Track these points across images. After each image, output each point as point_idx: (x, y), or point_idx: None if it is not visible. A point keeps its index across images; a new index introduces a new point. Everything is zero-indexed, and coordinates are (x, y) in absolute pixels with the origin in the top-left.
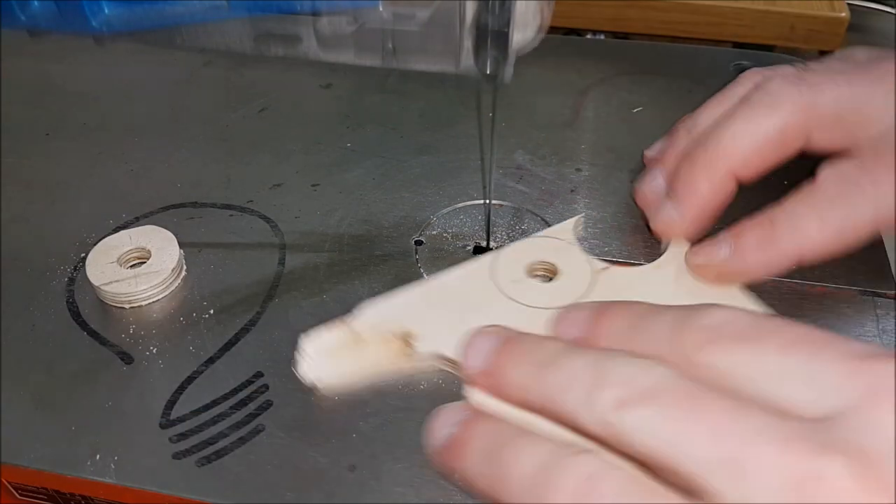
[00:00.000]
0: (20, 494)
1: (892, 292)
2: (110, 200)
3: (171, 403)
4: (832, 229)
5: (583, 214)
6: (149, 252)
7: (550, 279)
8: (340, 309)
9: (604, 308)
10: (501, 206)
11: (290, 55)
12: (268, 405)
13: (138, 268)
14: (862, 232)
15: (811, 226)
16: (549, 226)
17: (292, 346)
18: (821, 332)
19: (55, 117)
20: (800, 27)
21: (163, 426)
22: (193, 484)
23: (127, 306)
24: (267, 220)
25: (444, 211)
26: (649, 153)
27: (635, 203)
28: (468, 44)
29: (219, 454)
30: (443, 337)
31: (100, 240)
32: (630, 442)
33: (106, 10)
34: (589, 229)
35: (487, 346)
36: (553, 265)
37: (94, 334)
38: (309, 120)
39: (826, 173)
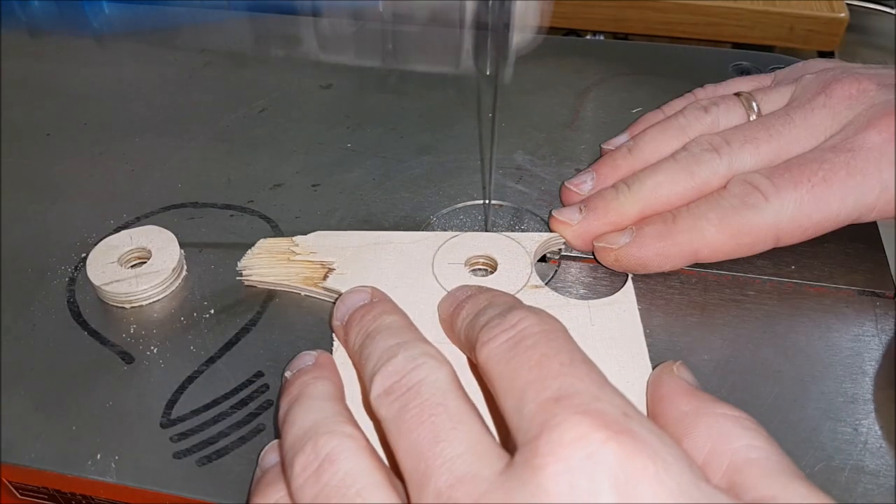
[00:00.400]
0: (20, 494)
1: (892, 292)
2: (111, 200)
3: (171, 403)
4: (729, 233)
5: (564, 242)
6: (149, 252)
7: (487, 274)
8: None
9: (474, 292)
10: (501, 206)
11: (291, 55)
12: (268, 405)
13: (139, 268)
14: (759, 240)
15: (709, 226)
16: (550, 226)
17: (293, 346)
18: (569, 361)
19: (55, 117)
20: (799, 28)
21: (163, 426)
22: (194, 483)
23: (127, 306)
24: (267, 220)
25: (444, 211)
26: (605, 146)
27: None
28: (468, 43)
29: (219, 454)
30: (354, 282)
31: (100, 240)
32: (383, 428)
33: (106, 10)
34: None
35: (352, 303)
36: (494, 262)
37: (94, 334)
38: (309, 120)
39: (735, 181)
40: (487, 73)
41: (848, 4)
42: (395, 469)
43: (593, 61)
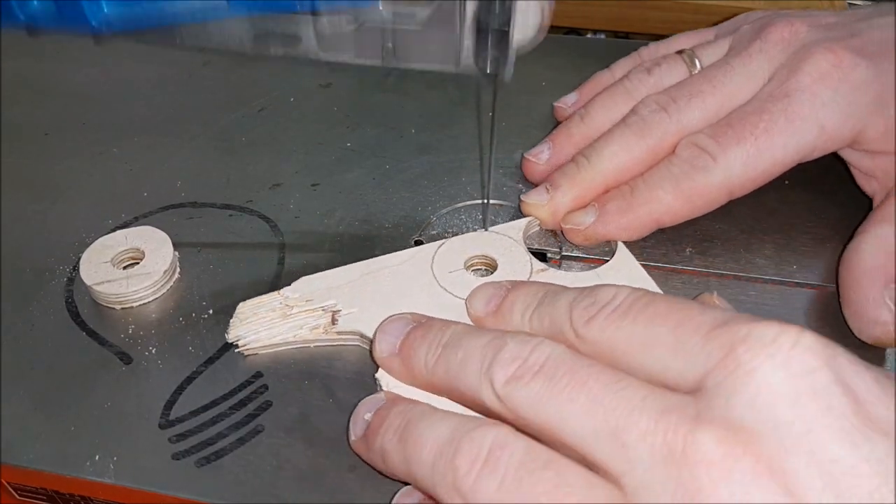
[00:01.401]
0: (19, 495)
1: None
2: (110, 200)
3: (170, 404)
4: (684, 197)
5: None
6: (142, 253)
7: (488, 273)
8: None
9: (513, 286)
10: (501, 206)
11: (290, 54)
12: (267, 405)
13: (131, 269)
14: (713, 199)
15: (665, 195)
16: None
17: (292, 346)
18: (691, 305)
19: (54, 117)
20: None
21: (162, 426)
22: (193, 484)
23: (118, 307)
24: (266, 219)
25: (444, 211)
26: (557, 104)
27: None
28: (468, 43)
29: (218, 454)
30: (367, 317)
31: (96, 239)
32: (521, 416)
33: (105, 10)
34: None
35: (397, 331)
36: (493, 260)
37: (93, 334)
38: (309, 120)
39: (682, 145)
40: (488, 72)
41: (850, 4)
42: None
43: (593, 60)
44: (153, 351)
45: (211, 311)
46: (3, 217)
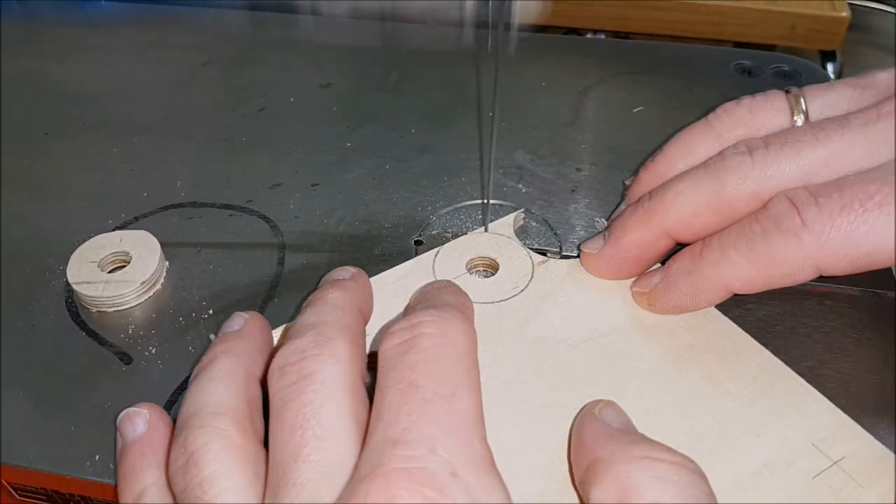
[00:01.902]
0: (19, 495)
1: (892, 292)
2: (109, 200)
3: (170, 404)
4: (760, 262)
5: (522, 210)
6: (130, 258)
7: (491, 274)
8: None
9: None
10: (501, 206)
11: (290, 54)
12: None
13: (115, 273)
14: (795, 271)
15: (738, 257)
16: (550, 225)
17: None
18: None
19: (55, 117)
20: (800, 27)
21: None
22: None
23: (94, 309)
24: (266, 219)
25: (444, 211)
26: (628, 182)
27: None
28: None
29: None
30: (372, 331)
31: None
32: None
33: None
34: (589, 230)
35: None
36: (493, 260)
37: (93, 334)
38: (309, 120)
39: (775, 197)
40: (489, 50)
41: (850, 3)
42: None
43: (593, 60)
44: (153, 351)
45: (211, 311)
46: (3, 217)
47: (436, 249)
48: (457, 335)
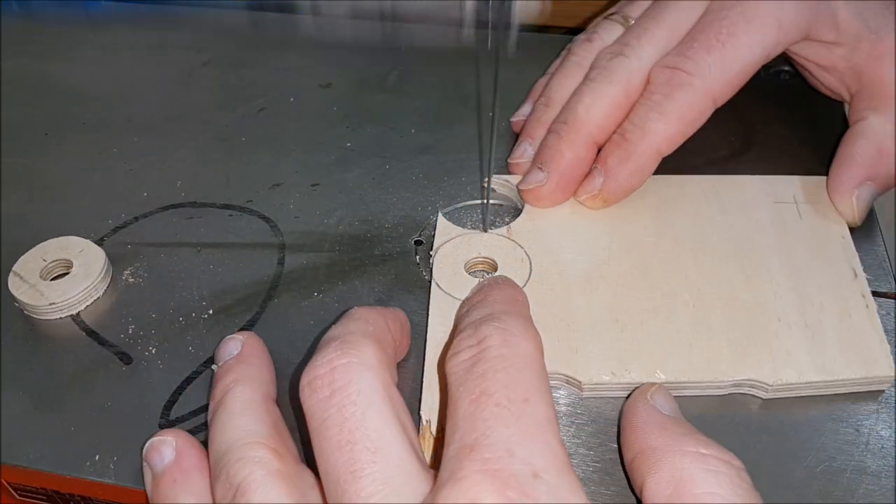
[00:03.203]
0: (19, 495)
1: (893, 292)
2: (109, 200)
3: (170, 404)
4: (674, 117)
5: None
6: (67, 271)
7: (489, 274)
8: (340, 309)
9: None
10: (501, 206)
11: (290, 54)
12: None
13: (50, 280)
14: (700, 111)
15: (655, 123)
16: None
17: (292, 346)
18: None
19: (54, 117)
20: None
21: (162, 426)
22: None
23: (25, 311)
24: (266, 219)
25: (445, 211)
26: (515, 119)
27: (509, 172)
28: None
29: None
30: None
31: (102, 238)
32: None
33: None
34: None
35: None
36: (493, 261)
37: (92, 334)
38: (309, 120)
39: (654, 72)
40: (489, 49)
41: None
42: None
43: None
44: (153, 351)
45: (211, 311)
46: (3, 217)
47: (435, 249)
48: (521, 342)
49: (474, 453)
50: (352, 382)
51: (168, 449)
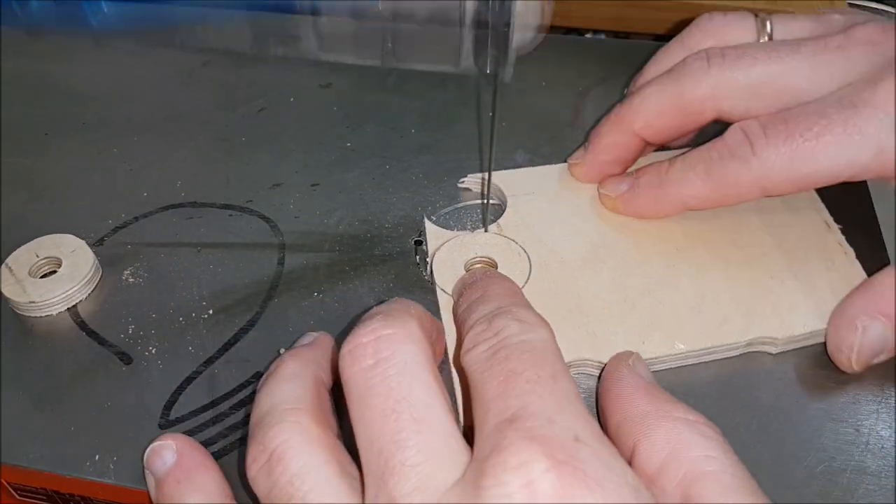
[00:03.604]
0: (19, 495)
1: None
2: (109, 200)
3: (170, 404)
4: (714, 183)
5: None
6: (56, 269)
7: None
8: (340, 309)
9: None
10: (501, 206)
11: (290, 55)
12: None
13: (37, 278)
14: (744, 191)
15: (696, 178)
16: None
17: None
18: (527, 369)
19: (54, 117)
20: None
21: (162, 426)
22: None
23: (10, 304)
24: (266, 219)
25: (445, 211)
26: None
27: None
28: (468, 43)
29: (218, 455)
30: None
31: (102, 238)
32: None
33: (105, 9)
34: None
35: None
36: (491, 260)
37: (92, 334)
38: (309, 120)
39: (731, 129)
40: (488, 71)
41: (849, 4)
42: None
43: (593, 60)
44: (153, 351)
45: (211, 311)
46: (3, 217)
47: (435, 248)
48: (538, 329)
49: (515, 424)
50: (397, 353)
51: (169, 452)
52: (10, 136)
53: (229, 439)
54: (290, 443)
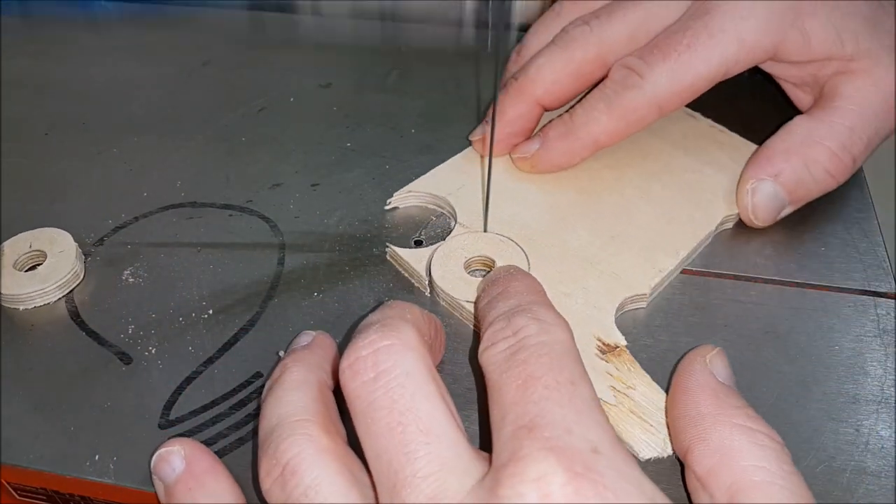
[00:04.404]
0: (19, 495)
1: (892, 292)
2: (109, 200)
3: (170, 404)
4: (617, 116)
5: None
6: (40, 262)
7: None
8: (340, 308)
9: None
10: (446, 211)
11: (290, 54)
12: None
13: (21, 270)
14: (644, 115)
15: (601, 114)
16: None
17: None
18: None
19: (53, 116)
20: None
21: (162, 426)
22: None
23: (20, 307)
24: (266, 219)
25: (444, 211)
26: (473, 138)
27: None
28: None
29: (218, 455)
30: None
31: (102, 238)
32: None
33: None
34: None
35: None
36: (491, 259)
37: (92, 334)
38: (309, 119)
39: (614, 68)
40: (489, 49)
41: None
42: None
43: None
44: (153, 351)
45: (211, 311)
46: (3, 217)
47: (434, 248)
48: (556, 330)
49: (533, 433)
50: (397, 364)
51: (177, 458)
52: (10, 134)
53: (229, 439)
54: (302, 455)
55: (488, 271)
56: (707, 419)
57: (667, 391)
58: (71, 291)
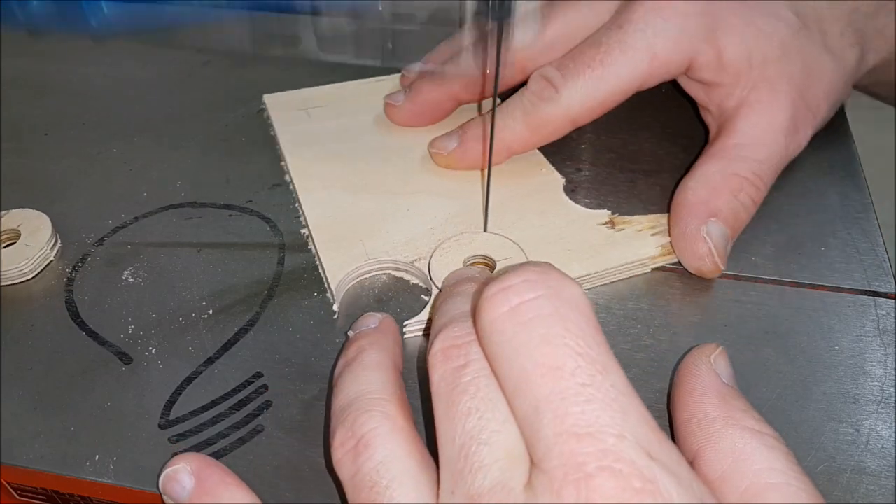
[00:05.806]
0: (19, 495)
1: (892, 292)
2: (109, 200)
3: (170, 404)
4: (532, 126)
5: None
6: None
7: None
8: (340, 308)
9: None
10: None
11: (290, 55)
12: (267, 405)
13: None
14: (557, 128)
15: (516, 123)
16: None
17: (292, 346)
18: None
19: (54, 117)
20: None
21: (162, 427)
22: None
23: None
24: (266, 220)
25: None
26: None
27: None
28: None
29: (218, 455)
30: None
31: (102, 238)
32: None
33: (105, 10)
34: None
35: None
36: (491, 260)
37: (92, 334)
38: None
39: (533, 78)
40: (487, 71)
41: None
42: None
43: None
44: (153, 351)
45: (211, 311)
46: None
47: (434, 247)
48: (566, 293)
49: (583, 443)
50: (483, 358)
51: (185, 476)
52: (10, 135)
53: (229, 439)
54: (378, 431)
55: (490, 270)
56: (716, 423)
57: (668, 391)
58: (34, 278)
